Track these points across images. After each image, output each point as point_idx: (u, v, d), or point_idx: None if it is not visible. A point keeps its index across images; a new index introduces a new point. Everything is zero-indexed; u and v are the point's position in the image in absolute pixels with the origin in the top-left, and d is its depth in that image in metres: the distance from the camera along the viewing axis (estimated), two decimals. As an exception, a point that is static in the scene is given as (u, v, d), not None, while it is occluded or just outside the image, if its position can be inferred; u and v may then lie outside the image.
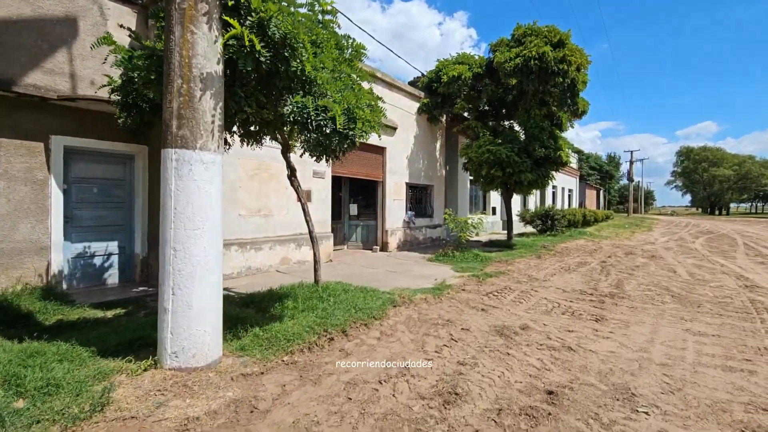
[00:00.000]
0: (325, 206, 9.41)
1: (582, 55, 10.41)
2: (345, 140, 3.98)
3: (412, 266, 9.02)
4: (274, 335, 4.00)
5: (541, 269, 9.23)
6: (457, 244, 10.41)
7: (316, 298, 5.18)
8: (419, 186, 13.53)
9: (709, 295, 7.22)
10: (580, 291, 7.20)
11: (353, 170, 10.53)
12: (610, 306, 6.26)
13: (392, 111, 11.72)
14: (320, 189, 9.27)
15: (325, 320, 4.50)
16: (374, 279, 7.45)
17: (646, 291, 7.44)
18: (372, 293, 5.79)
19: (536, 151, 11.23)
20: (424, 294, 6.12)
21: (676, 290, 7.58)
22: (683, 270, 9.92)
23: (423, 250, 11.60)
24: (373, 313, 4.93)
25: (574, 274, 8.91)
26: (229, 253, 7.30)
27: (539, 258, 10.86)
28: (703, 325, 5.39)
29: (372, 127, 4.37)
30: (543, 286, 7.45)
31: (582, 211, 22.15)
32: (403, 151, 12.27)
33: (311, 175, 9.06)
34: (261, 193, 7.92)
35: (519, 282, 7.73)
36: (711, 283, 8.42)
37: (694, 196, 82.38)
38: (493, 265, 9.22)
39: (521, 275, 8.37)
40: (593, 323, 5.35)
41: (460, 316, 5.30)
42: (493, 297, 6.42)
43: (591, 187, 46.70)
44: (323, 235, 9.33)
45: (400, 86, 11.89)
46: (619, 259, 11.58)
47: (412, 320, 5.01)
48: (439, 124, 14.06)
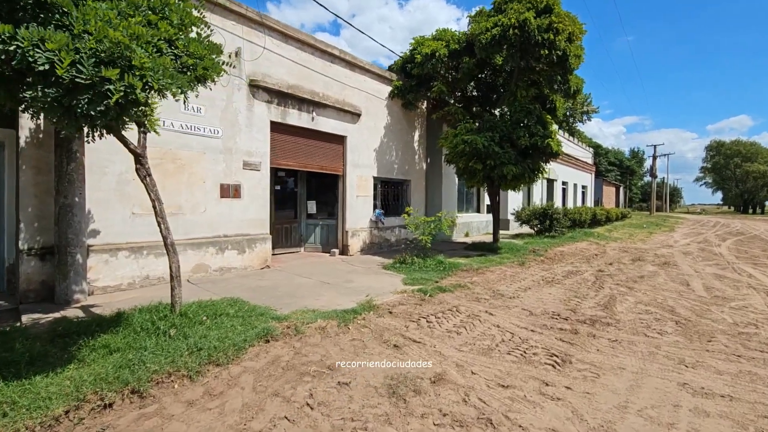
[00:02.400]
0: (260, 203, 8.00)
1: (574, 23, 8.62)
2: (101, 100, 2.49)
3: (357, 275, 7.52)
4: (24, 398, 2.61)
5: (516, 281, 7.56)
6: (420, 249, 8.83)
7: (152, 330, 3.76)
8: (393, 181, 11.97)
9: (727, 321, 5.46)
10: (551, 314, 5.55)
11: (303, 161, 9.07)
12: (583, 339, 4.62)
13: (355, 95, 10.22)
14: (254, 183, 7.87)
15: (128, 369, 3.08)
16: (290, 294, 6.00)
17: (642, 314, 5.73)
18: (251, 320, 4.34)
19: (521, 140, 9.49)
20: (328, 320, 4.62)
21: (684, 313, 5.83)
22: (699, 283, 8.06)
23: (392, 253, 10.07)
24: (220, 354, 3.48)
25: (556, 287, 7.22)
26: (115, 260, 5.98)
27: (522, 265, 9.16)
28: (710, 376, 3.72)
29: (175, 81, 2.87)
30: (505, 307, 5.83)
31: (591, 210, 20.07)
32: (369, 140, 10.74)
33: (240, 167, 7.66)
34: (166, 187, 6.58)
35: (477, 300, 6.13)
36: (732, 301, 6.60)
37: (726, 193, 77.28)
38: (457, 276, 7.61)
39: (485, 290, 6.75)
40: (547, 371, 3.74)
41: (353, 359, 3.78)
42: (424, 324, 4.86)
43: (609, 184, 43.86)
44: (257, 238, 7.93)
45: (364, 66, 10.35)
46: (622, 267, 9.75)
47: (275, 366, 3.52)
48: (417, 110, 12.43)
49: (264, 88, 8.01)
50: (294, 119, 8.69)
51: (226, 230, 7.45)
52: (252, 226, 7.87)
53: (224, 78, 7.42)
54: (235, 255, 7.56)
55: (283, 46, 8.44)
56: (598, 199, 37.86)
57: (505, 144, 9.71)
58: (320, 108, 9.25)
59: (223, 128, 7.37)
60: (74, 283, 5.34)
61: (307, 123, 8.99)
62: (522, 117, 9.50)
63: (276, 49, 8.28)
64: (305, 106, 8.91)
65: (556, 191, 24.83)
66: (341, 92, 9.82)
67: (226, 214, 7.45)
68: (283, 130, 8.54)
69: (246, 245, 7.71)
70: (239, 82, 7.66)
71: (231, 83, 7.48)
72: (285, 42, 8.49)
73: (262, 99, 8.04)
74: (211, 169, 7.21)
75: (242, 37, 7.63)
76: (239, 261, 7.61)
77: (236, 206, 7.62)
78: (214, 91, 7.21)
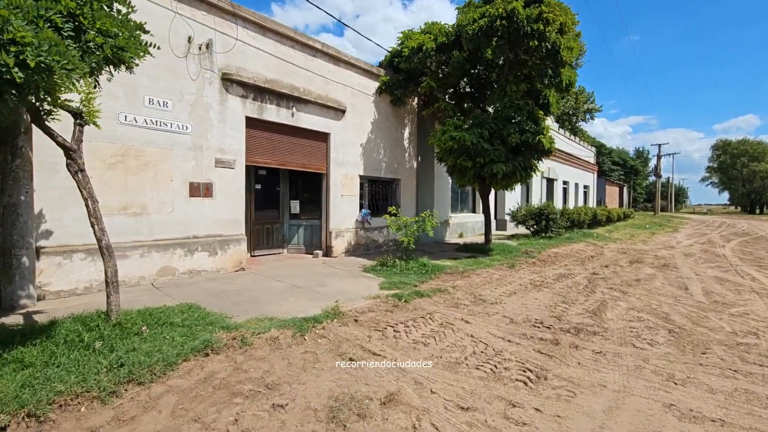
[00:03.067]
0: (234, 202, 7.63)
1: (565, 13, 8.17)
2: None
3: (333, 279, 7.12)
4: None
5: (502, 285, 7.14)
6: (404, 250, 8.42)
7: (76, 343, 3.39)
8: (381, 180, 11.57)
9: (725, 330, 5.02)
10: (533, 322, 5.13)
11: (282, 159, 8.69)
12: (564, 351, 4.20)
13: (339, 90, 9.84)
14: (227, 182, 7.50)
15: (31, 389, 2.71)
16: (254, 299, 5.62)
17: (633, 322, 5.29)
18: (197, 329, 3.97)
19: (511, 137, 9.06)
20: (283, 329, 4.23)
21: (679, 320, 5.39)
22: (698, 286, 7.60)
23: (379, 255, 9.64)
24: (145, 371, 3.10)
25: (544, 292, 6.79)
26: (69, 263, 5.63)
27: (511, 268, 8.72)
28: (701, 395, 3.29)
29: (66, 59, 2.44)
30: (485, 314, 5.41)
31: (591, 210, 19.56)
32: (355, 138, 10.35)
33: (212, 164, 7.30)
34: (128, 185, 6.23)
35: (455, 306, 5.71)
36: (733, 307, 6.14)
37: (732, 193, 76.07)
38: (439, 279, 7.20)
39: (466, 295, 6.33)
40: (517, 390, 3.33)
41: (299, 375, 3.39)
42: (390, 334, 4.46)
43: (612, 184, 43.19)
44: (231, 239, 7.57)
45: (349, 60, 9.96)
46: (619, 269, 9.29)
47: (206, 385, 3.14)
48: (407, 107, 12.03)
49: (238, 82, 7.64)
50: (272, 115, 8.32)
51: (196, 231, 7.09)
52: (225, 226, 7.50)
53: (194, 71, 7.11)
54: (206, 257, 7.19)
55: (260, 38, 8.07)
56: (601, 199, 37.23)
57: (495, 141, 9.29)
58: (301, 104, 8.87)
59: (192, 124, 7.01)
60: (20, 287, 4.99)
61: (287, 119, 8.62)
62: (511, 113, 9.06)
63: (252, 42, 7.91)
64: (284, 101, 8.53)
65: (556, 191, 24.32)
66: (324, 87, 9.44)
67: (196, 214, 7.09)
68: (260, 127, 8.17)
69: (218, 247, 7.35)
70: (211, 75, 7.29)
71: (201, 76, 7.12)
72: (262, 34, 8.12)
73: (237, 93, 7.68)
74: (179, 166, 6.85)
75: (214, 29, 7.27)
76: (211, 263, 7.25)
77: (207, 206, 7.26)
78: (183, 85, 6.88)
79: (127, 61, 3.08)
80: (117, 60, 3.00)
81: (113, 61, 3.00)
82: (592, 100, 42.90)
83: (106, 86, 5.93)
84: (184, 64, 6.89)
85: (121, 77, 6.05)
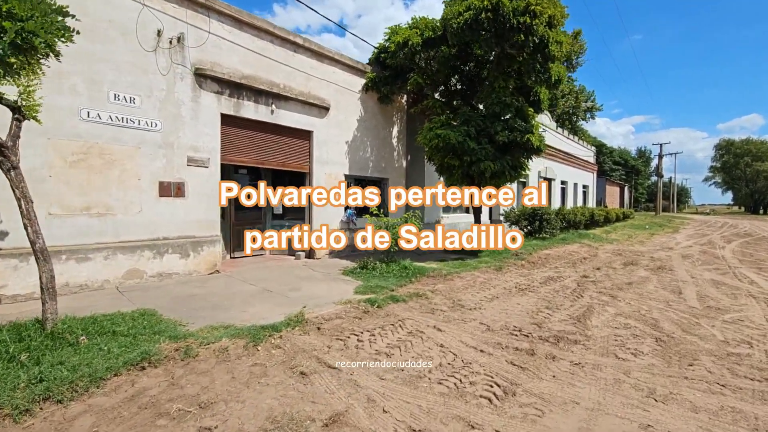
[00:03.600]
0: (208, 203, 7.36)
1: (554, 5, 7.85)
2: None
3: (309, 282, 6.83)
4: None
5: (485, 288, 6.83)
6: (386, 252, 8.11)
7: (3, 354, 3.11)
8: (369, 179, 11.27)
9: (717, 339, 4.70)
10: (512, 330, 4.82)
11: (261, 158, 8.41)
12: (540, 362, 3.90)
13: (322, 87, 9.55)
14: (201, 181, 7.22)
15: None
16: (217, 305, 5.32)
17: (619, 329, 4.98)
18: (141, 339, 3.68)
19: (499, 135, 8.75)
20: (236, 338, 3.94)
21: (668, 328, 5.07)
22: (693, 290, 7.28)
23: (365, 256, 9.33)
24: (65, 388, 2.81)
25: (529, 296, 6.47)
26: (26, 266, 5.36)
27: (498, 271, 8.40)
28: (682, 414, 2.99)
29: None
30: (461, 320, 5.11)
31: (589, 210, 19.21)
32: (340, 136, 10.06)
33: (184, 163, 7.02)
34: (92, 184, 5.96)
35: (431, 312, 5.41)
36: (727, 313, 5.82)
37: (736, 193, 75.37)
38: (420, 283, 6.90)
39: (445, 299, 6.03)
40: (479, 408, 3.03)
41: (240, 392, 3.10)
42: (352, 344, 4.16)
43: (613, 184, 42.72)
44: (204, 240, 7.29)
45: (333, 56, 9.66)
46: (611, 272, 8.96)
47: (133, 403, 2.85)
48: (396, 105, 11.73)
49: (213, 78, 7.37)
50: (250, 112, 8.04)
51: (166, 232, 6.82)
52: (198, 227, 7.23)
53: (164, 66, 6.83)
54: (177, 259, 6.92)
55: (236, 32, 7.79)
56: (601, 199, 36.80)
57: (483, 139, 8.98)
58: (281, 100, 8.59)
59: (162, 121, 6.74)
60: (-32, 292, 4.73)
61: (266, 116, 8.34)
62: (499, 110, 8.74)
63: (228, 36, 7.64)
64: (263, 98, 8.25)
65: (554, 191, 23.95)
66: (306, 84, 9.16)
67: (166, 215, 6.82)
68: (237, 124, 7.90)
69: (190, 249, 7.08)
70: (182, 70, 7.02)
71: (172, 71, 6.85)
72: (239, 28, 7.84)
73: (211, 90, 7.40)
74: (148, 165, 6.58)
75: (186, 22, 7.00)
76: (182, 266, 6.97)
77: (179, 206, 6.98)
78: (152, 80, 6.61)
79: (39, 48, 2.79)
80: (28, 46, 2.71)
81: (23, 47, 2.71)
82: (593, 99, 42.43)
83: (66, 81, 5.68)
84: (154, 58, 6.61)
85: (83, 71, 5.83)
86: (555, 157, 23.09)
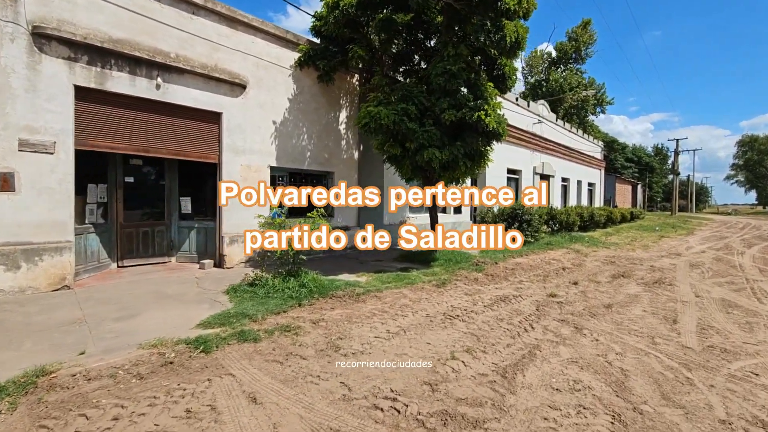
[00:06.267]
0: (54, 199, 5.72)
1: (509, -60, 5.97)
2: None
3: (163, 305, 5.11)
4: None
5: (399, 316, 5.00)
6: (288, 263, 6.32)
7: None
8: (306, 173, 9.52)
9: (713, 416, 2.82)
10: (382, 398, 3.02)
11: (142, 144, 6.71)
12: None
13: (237, 60, 7.85)
14: (41, 171, 5.60)
15: None
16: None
17: (557, 395, 3.13)
18: None
19: (445, 113, 6.90)
20: None
21: (639, 391, 3.21)
22: (693, 317, 5.34)
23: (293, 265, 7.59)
24: None
25: (454, 329, 4.63)
26: None
27: (440, 287, 6.55)
28: None
29: None
30: (314, 377, 3.31)
31: (588, 210, 17.09)
32: (263, 120, 8.34)
33: (15, 147, 5.40)
34: None
35: (282, 359, 3.63)
36: (736, 360, 3.92)
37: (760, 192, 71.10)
38: (316, 305, 5.12)
39: (323, 337, 4.23)
40: None
41: None
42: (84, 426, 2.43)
43: (624, 182, 40.03)
44: (46, 248, 5.65)
45: (250, 23, 7.94)
46: (591, 287, 7.03)
47: None
48: (342, 85, 9.95)
49: (61, 40, 5.73)
50: (123, 86, 6.39)
51: (16, 237, 5.22)
52: (37, 230, 5.59)
53: (-22, 20, 5.23)
54: (27, 271, 5.32)
55: (101, -16, 6.15)
56: (610, 198, 34.25)
57: (427, 120, 7.14)
58: (173, 73, 6.92)
59: (-25, 92, 5.13)
60: None
61: (150, 92, 6.68)
62: (443, 82, 6.87)
63: (87, -12, 6.00)
64: (144, 69, 6.59)
65: (554, 189, 21.79)
66: (212, 55, 7.47)
67: (12, 215, 5.24)
68: (101, 100, 6.24)
69: (22, 258, 5.45)
70: (13, 29, 5.40)
71: (-6, 29, 5.24)
72: (106, -21, 6.20)
73: (58, 54, 5.77)
74: (-50, 149, 4.98)
75: (15, -36, 5.38)
76: (9, 281, 5.35)
77: (5, 203, 5.36)
78: (-46, 37, 4.99)
79: None
80: None
81: None
82: (603, 92, 39.72)
83: None
84: (-40, 9, 5.01)
85: None
86: (554, 151, 20.98)
